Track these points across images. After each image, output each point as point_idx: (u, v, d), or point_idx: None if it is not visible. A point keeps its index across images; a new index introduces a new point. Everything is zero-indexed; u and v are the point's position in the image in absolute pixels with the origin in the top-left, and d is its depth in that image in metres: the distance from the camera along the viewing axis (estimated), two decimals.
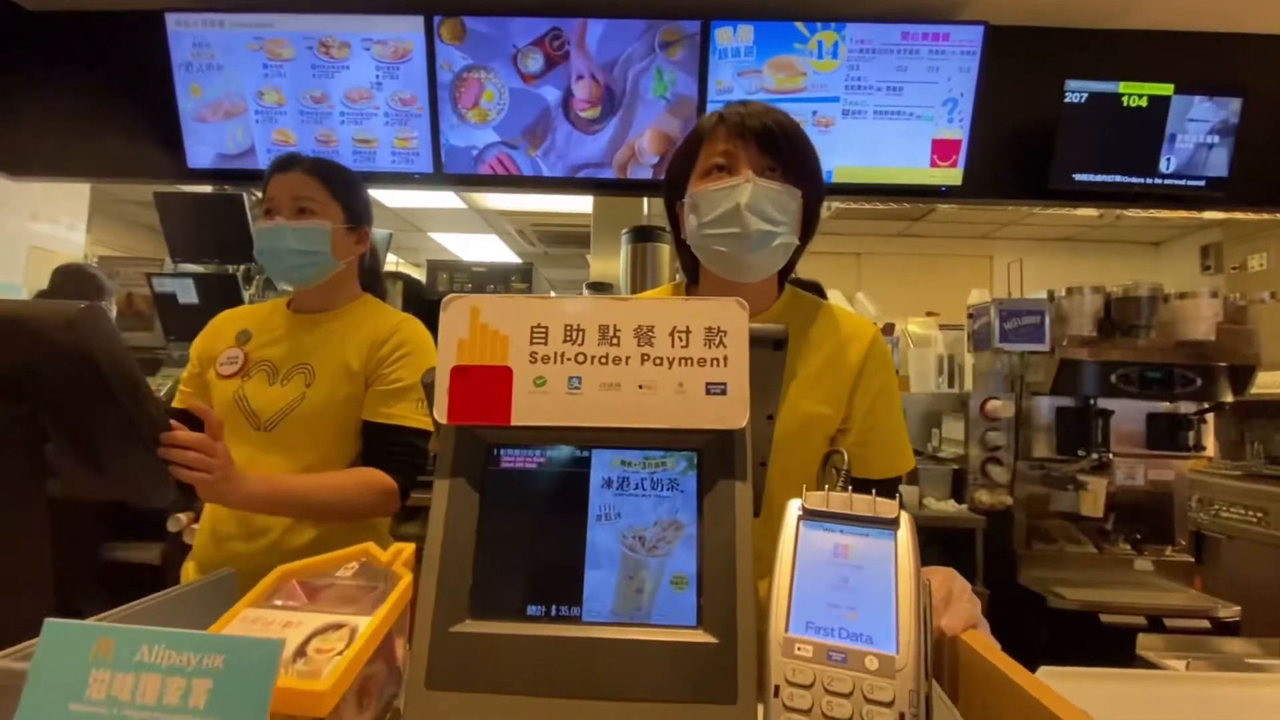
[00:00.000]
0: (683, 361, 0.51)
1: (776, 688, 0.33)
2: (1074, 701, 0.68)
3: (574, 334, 0.52)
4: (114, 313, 2.59)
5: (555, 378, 0.51)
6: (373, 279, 1.30)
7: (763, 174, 0.86)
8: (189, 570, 1.12)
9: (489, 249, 6.39)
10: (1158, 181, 2.32)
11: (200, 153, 2.45)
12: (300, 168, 1.14)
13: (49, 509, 0.80)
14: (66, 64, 2.57)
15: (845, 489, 0.41)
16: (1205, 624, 2.09)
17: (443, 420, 0.51)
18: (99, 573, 1.98)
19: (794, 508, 0.40)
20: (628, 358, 0.52)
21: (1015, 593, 2.27)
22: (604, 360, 0.52)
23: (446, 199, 4.51)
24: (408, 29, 2.30)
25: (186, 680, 0.35)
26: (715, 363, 0.51)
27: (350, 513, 1.06)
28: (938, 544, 2.54)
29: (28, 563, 0.73)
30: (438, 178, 2.42)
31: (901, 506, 0.39)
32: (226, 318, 1.22)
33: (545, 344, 0.52)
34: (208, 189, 2.79)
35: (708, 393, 0.51)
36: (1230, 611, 2.11)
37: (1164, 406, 2.42)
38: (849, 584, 0.36)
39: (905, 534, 0.37)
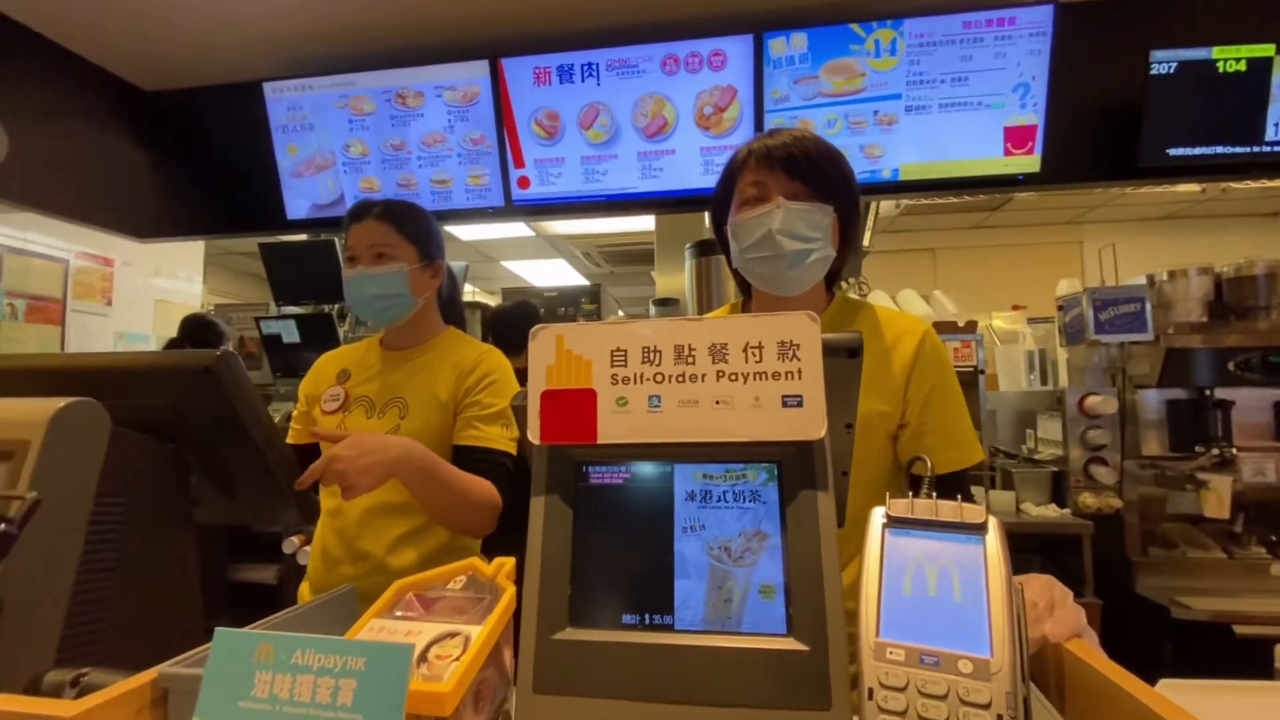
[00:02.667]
0: (758, 376, 0.53)
1: (870, 690, 0.34)
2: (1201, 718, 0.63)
3: (651, 355, 0.55)
4: None
5: (636, 398, 0.54)
6: (452, 309, 1.37)
7: (793, 198, 0.92)
8: (304, 591, 1.22)
9: (558, 273, 6.58)
10: (1265, 149, 2.12)
11: (297, 205, 2.67)
12: (373, 215, 1.22)
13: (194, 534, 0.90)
14: (180, 135, 2.88)
15: (930, 495, 0.42)
16: None
17: (535, 441, 0.55)
18: (225, 592, 2.17)
19: (878, 515, 0.41)
20: (703, 375, 0.54)
21: (1133, 603, 2.11)
22: (681, 379, 0.54)
23: (516, 228, 4.70)
24: (475, 74, 2.44)
25: (335, 680, 0.39)
26: (790, 375, 0.53)
27: (472, 510, 1.09)
28: (1038, 551, 2.40)
29: (181, 582, 0.83)
30: (508, 210, 2.53)
31: (969, 499, 0.39)
32: (327, 359, 1.33)
33: (625, 366, 0.55)
34: (304, 237, 3.05)
35: (784, 405, 0.52)
36: None
37: None
38: (938, 590, 0.36)
39: (994, 538, 0.37)
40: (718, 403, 0.54)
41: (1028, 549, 2.42)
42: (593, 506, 0.55)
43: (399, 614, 0.56)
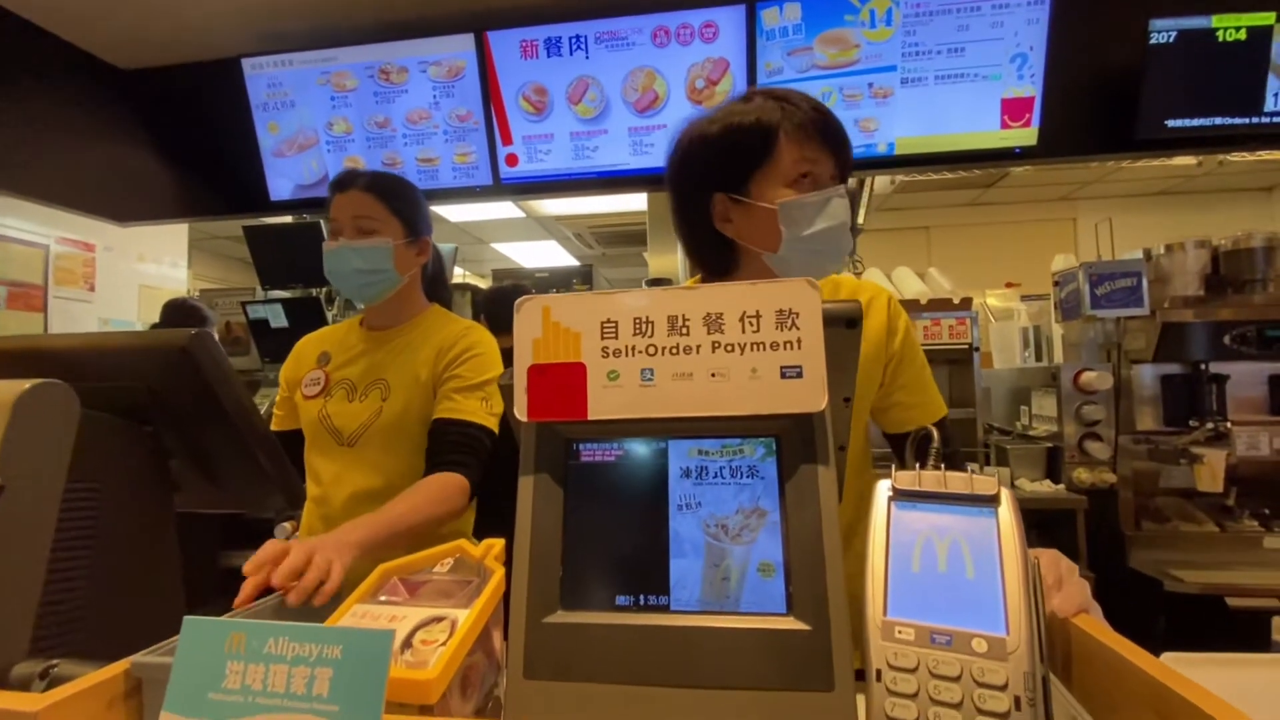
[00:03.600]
0: (755, 346, 0.51)
1: (879, 672, 0.32)
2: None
3: (643, 326, 0.53)
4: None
5: (627, 371, 0.52)
6: (438, 287, 1.34)
7: (836, 181, 0.89)
8: None
9: (549, 254, 6.51)
10: (1264, 120, 2.10)
11: (280, 185, 2.61)
12: (358, 185, 1.17)
13: (176, 521, 0.88)
14: (158, 115, 2.80)
15: (938, 467, 0.39)
16: None
17: (523, 418, 0.52)
18: (218, 579, 2.15)
19: (883, 489, 0.39)
20: (698, 346, 0.52)
21: (1126, 577, 2.12)
22: (674, 350, 0.52)
23: (506, 209, 4.64)
24: (460, 48, 2.37)
25: (310, 670, 0.37)
26: (789, 345, 0.50)
27: (441, 521, 1.06)
28: (1033, 527, 2.41)
29: (161, 570, 0.81)
30: (496, 189, 2.48)
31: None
32: (307, 342, 1.29)
33: (616, 338, 0.53)
34: (289, 219, 2.99)
35: (783, 376, 0.50)
36: None
37: None
38: (949, 565, 0.34)
39: (1007, 510, 0.35)
40: (713, 375, 0.51)
41: (1025, 524, 2.43)
42: (584, 485, 0.52)
43: (383, 599, 0.54)
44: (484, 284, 3.65)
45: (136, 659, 0.51)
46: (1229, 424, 2.10)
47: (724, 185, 0.89)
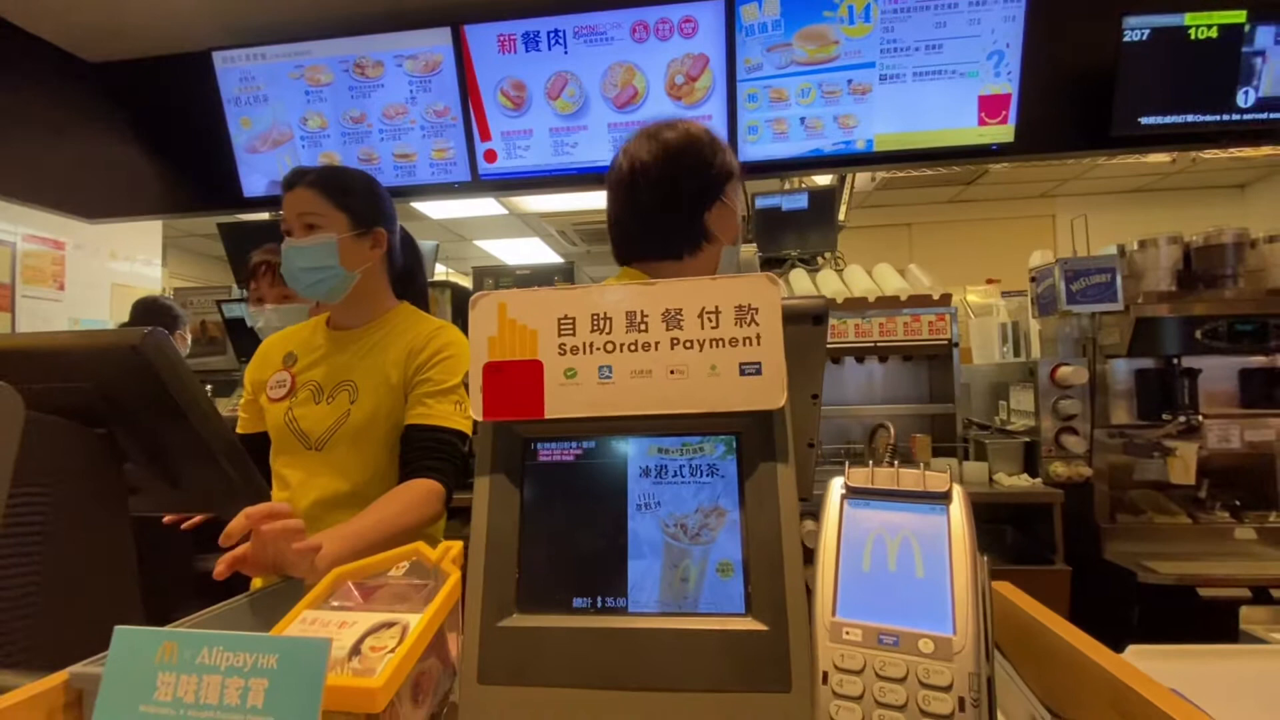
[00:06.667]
0: (714, 343, 0.50)
1: (825, 674, 0.31)
2: (1171, 683, 0.63)
3: (601, 323, 0.52)
4: (189, 340, 2.75)
5: (585, 368, 0.51)
6: (411, 285, 1.31)
7: None
8: (258, 584, 1.17)
9: (534, 252, 6.48)
10: (1236, 118, 2.13)
11: (254, 182, 2.57)
12: (303, 182, 1.15)
13: (134, 524, 0.85)
14: (129, 110, 2.74)
15: (892, 464, 0.39)
16: None
17: (478, 417, 0.51)
18: (193, 584, 2.11)
19: (836, 486, 0.38)
20: (657, 343, 0.51)
21: (1101, 569, 2.15)
22: (633, 347, 0.51)
23: (488, 206, 4.60)
24: (436, 42, 2.34)
25: (244, 680, 0.36)
26: (748, 342, 0.50)
27: (418, 528, 1.03)
28: (1011, 521, 2.43)
29: (115, 576, 0.78)
30: (475, 185, 2.46)
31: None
32: (272, 342, 1.26)
33: (574, 335, 0.52)
34: (265, 216, 2.93)
35: (742, 373, 0.49)
36: None
37: (1258, 361, 2.23)
38: (899, 563, 0.34)
39: (958, 508, 0.34)
40: (672, 372, 0.50)
41: (1001, 519, 2.45)
42: (541, 486, 0.51)
43: (335, 604, 0.52)
44: (466, 281, 3.61)
45: (75, 669, 0.49)
46: (1201, 417, 2.13)
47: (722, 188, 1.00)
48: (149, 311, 2.45)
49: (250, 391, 1.23)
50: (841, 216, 3.43)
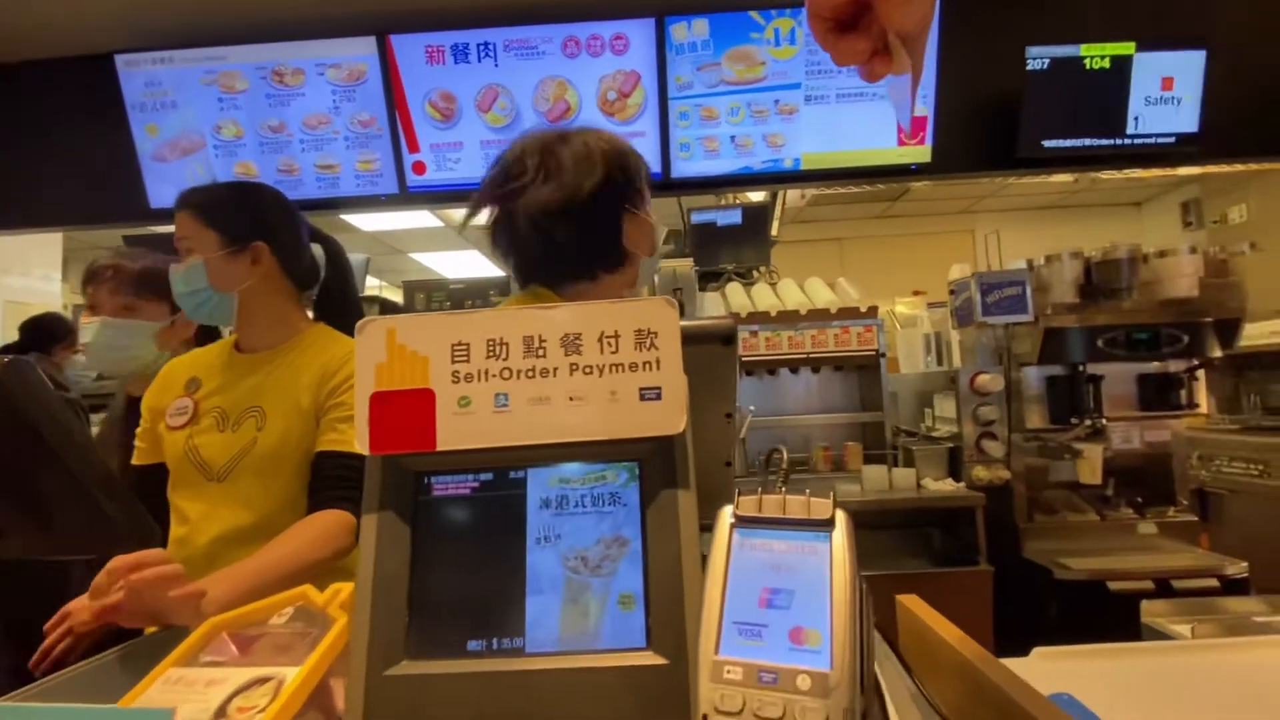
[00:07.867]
0: (614, 368, 0.49)
1: (704, 717, 0.30)
2: (1070, 684, 0.65)
3: (497, 348, 0.50)
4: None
5: (480, 397, 0.49)
6: (340, 303, 1.25)
7: None
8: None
9: (471, 265, 6.36)
10: (1126, 142, 2.30)
11: (162, 192, 2.41)
12: (180, 204, 1.12)
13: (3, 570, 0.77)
14: (24, 115, 2.53)
15: (780, 489, 0.38)
16: (1214, 583, 2.06)
17: (364, 451, 0.48)
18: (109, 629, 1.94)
19: (726, 515, 0.38)
20: (555, 369, 0.49)
21: (1020, 567, 2.25)
22: (531, 374, 0.49)
23: (423, 218, 4.49)
24: (361, 51, 2.27)
25: None
26: (648, 366, 0.49)
27: (325, 564, 0.95)
28: (937, 524, 2.52)
29: None
30: (403, 198, 2.39)
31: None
32: (174, 366, 1.18)
33: (468, 361, 0.49)
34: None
35: (642, 399, 0.48)
36: (1238, 568, 2.09)
37: (1154, 367, 2.41)
38: (782, 595, 0.33)
39: (840, 534, 0.34)
40: (571, 399, 0.49)
41: (928, 522, 2.54)
42: (434, 522, 0.49)
43: (206, 659, 0.48)
44: (398, 296, 3.50)
45: None
46: (1105, 420, 2.28)
47: (635, 199, 0.98)
48: (39, 329, 2.26)
49: (148, 419, 1.14)
50: (774, 232, 3.52)
